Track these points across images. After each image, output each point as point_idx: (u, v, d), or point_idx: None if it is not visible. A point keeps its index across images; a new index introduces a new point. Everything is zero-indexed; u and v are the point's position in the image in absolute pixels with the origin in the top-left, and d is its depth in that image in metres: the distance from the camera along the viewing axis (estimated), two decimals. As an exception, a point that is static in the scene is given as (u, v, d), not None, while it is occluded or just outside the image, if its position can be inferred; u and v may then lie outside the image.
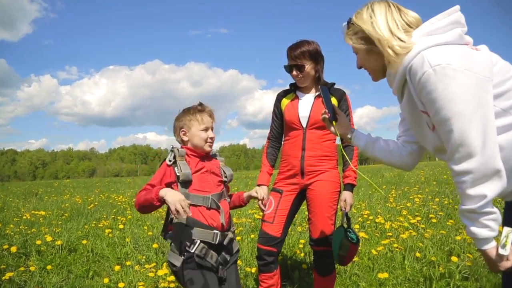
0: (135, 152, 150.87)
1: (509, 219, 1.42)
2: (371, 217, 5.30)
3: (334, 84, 2.62)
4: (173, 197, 1.85)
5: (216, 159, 2.31)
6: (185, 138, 2.21)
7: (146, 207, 1.97)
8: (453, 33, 1.29)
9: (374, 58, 1.47)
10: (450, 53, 1.23)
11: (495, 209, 1.22)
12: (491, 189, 1.19)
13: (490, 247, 1.24)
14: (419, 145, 1.63)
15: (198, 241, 2.01)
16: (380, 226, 4.93)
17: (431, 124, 1.33)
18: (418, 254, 3.59)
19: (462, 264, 3.18)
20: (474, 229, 1.24)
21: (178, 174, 2.04)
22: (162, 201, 1.88)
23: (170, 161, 2.08)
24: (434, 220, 5.07)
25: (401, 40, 1.33)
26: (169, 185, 2.04)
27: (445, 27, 1.30)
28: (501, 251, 1.22)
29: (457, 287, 2.93)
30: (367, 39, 1.43)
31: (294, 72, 2.53)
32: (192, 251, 1.99)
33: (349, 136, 1.77)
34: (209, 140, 2.20)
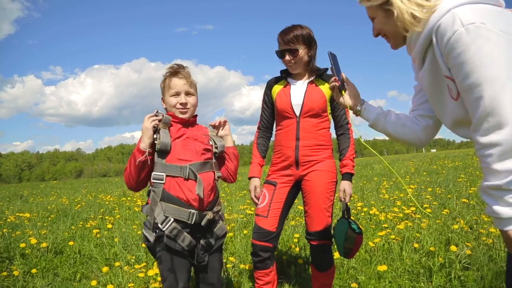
0: (122, 152, 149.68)
1: None
2: (365, 209, 5.22)
3: (327, 69, 2.49)
4: (143, 129, 1.92)
5: (205, 127, 2.19)
6: (164, 106, 2.11)
7: (134, 170, 1.92)
8: None
9: (394, 22, 1.30)
10: (485, 12, 1.10)
11: None
12: None
13: None
14: (435, 120, 1.50)
15: (171, 220, 1.88)
16: (374, 217, 4.85)
17: (455, 91, 1.20)
18: (416, 245, 3.51)
19: (462, 253, 3.10)
20: (497, 208, 1.11)
21: (155, 142, 1.91)
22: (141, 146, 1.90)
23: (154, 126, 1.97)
24: (428, 210, 5.01)
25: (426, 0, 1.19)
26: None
27: None
28: None
29: (458, 277, 2.85)
30: (386, 1, 1.28)
31: (287, 57, 2.39)
32: (164, 229, 1.87)
33: (358, 108, 1.62)
34: (178, 105, 2.03)
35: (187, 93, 2.05)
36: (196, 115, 2.15)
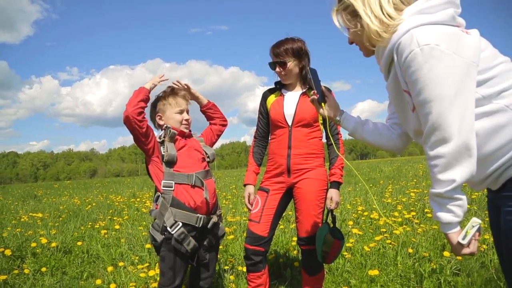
0: (135, 152, 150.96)
1: (492, 213, 1.42)
2: (365, 213, 5.29)
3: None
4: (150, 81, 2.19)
5: (195, 138, 2.41)
6: (161, 122, 2.30)
7: (135, 104, 2.06)
8: (446, 13, 1.26)
9: (363, 35, 1.41)
10: (440, 33, 1.20)
11: (462, 196, 1.22)
12: (461, 175, 1.19)
13: (452, 232, 1.26)
14: None
15: (180, 224, 2.09)
16: (374, 222, 4.92)
17: (411, 104, 1.32)
18: (410, 250, 3.58)
19: (454, 260, 3.17)
20: (439, 213, 1.26)
21: (163, 153, 2.14)
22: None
23: (160, 138, 2.20)
24: (429, 215, 5.06)
25: (390, 17, 1.31)
26: (153, 148, 2.17)
27: (438, 6, 1.27)
28: (460, 240, 1.24)
29: (448, 283, 2.93)
30: (357, 14, 1.39)
31: (277, 69, 2.53)
32: (172, 232, 2.08)
33: (338, 118, 1.74)
34: (184, 122, 2.29)
35: (187, 111, 2.34)
36: None
